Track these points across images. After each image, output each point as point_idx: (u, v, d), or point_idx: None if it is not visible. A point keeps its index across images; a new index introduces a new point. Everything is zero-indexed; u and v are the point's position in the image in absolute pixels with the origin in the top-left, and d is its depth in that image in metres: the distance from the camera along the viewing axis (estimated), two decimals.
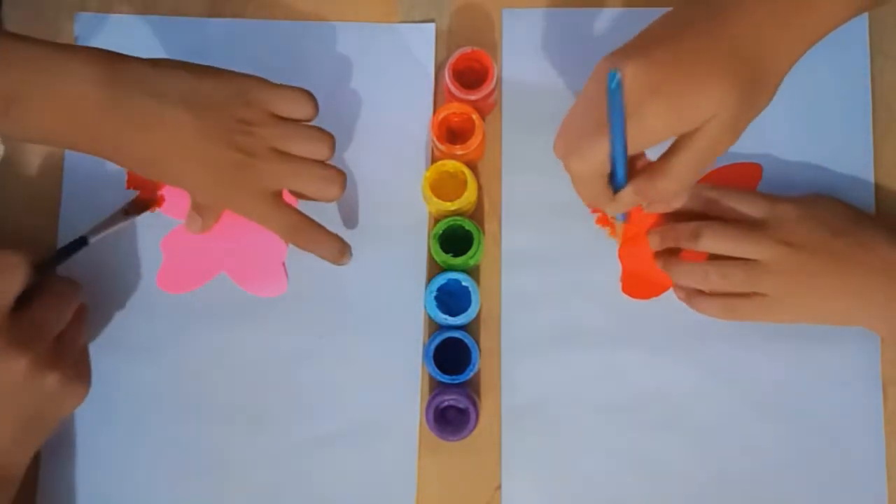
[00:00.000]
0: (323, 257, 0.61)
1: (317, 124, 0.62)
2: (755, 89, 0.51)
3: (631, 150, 0.52)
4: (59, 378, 0.56)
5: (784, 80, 0.65)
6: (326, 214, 0.64)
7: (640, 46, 0.51)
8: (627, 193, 0.54)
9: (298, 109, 0.58)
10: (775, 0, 0.51)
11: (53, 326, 0.57)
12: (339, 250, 0.60)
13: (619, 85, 0.49)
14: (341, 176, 0.59)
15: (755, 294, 0.60)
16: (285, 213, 0.59)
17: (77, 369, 0.59)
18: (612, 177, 0.54)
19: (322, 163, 0.59)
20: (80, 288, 0.60)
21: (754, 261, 0.59)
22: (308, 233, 0.60)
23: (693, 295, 0.63)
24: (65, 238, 0.65)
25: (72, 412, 0.60)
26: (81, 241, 0.62)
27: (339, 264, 0.61)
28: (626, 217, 0.62)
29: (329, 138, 0.59)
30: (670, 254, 0.63)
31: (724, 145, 0.52)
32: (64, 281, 0.60)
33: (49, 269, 0.61)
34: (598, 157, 0.52)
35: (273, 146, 0.57)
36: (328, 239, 0.60)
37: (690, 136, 0.51)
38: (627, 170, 0.53)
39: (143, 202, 0.65)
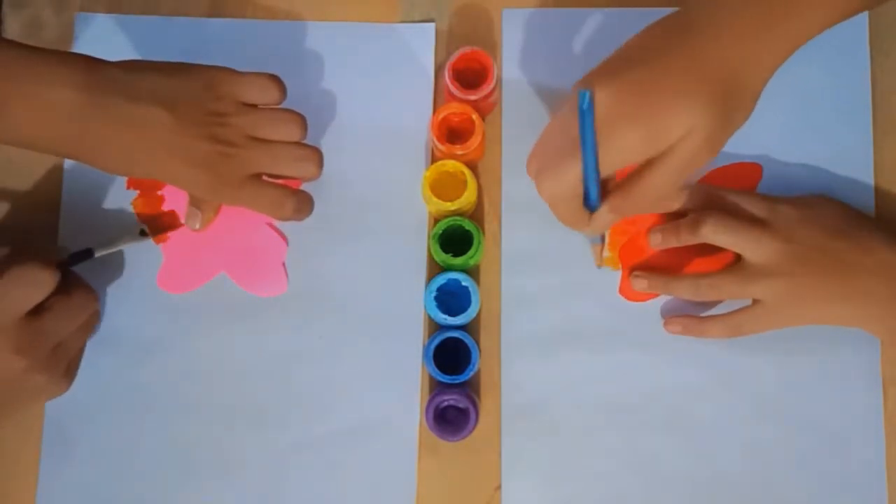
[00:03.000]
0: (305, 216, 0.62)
1: (317, 124, 0.62)
2: (730, 105, 0.51)
3: (603, 173, 0.52)
4: (45, 380, 0.57)
5: (784, 81, 0.65)
6: (328, 219, 0.64)
7: (609, 70, 0.52)
8: (603, 213, 0.54)
9: (266, 95, 0.59)
10: (747, 16, 0.51)
11: (58, 335, 0.58)
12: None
13: (591, 105, 0.49)
14: (317, 154, 0.60)
15: (753, 303, 0.60)
16: (268, 190, 0.60)
17: (67, 370, 0.59)
18: (585, 198, 0.54)
19: (297, 143, 0.60)
20: (96, 298, 0.61)
21: (744, 266, 0.60)
22: (295, 201, 0.60)
23: (691, 326, 0.63)
24: (65, 238, 0.65)
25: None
26: (87, 253, 0.62)
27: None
28: (602, 239, 0.62)
29: (300, 119, 0.59)
30: (663, 275, 0.63)
31: (701, 161, 0.52)
32: (82, 290, 0.60)
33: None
34: (570, 177, 0.52)
35: (248, 134, 0.58)
36: (311, 199, 0.61)
37: (665, 154, 0.51)
38: (601, 190, 0.53)
39: (162, 225, 0.65)
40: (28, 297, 0.56)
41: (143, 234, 0.64)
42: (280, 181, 0.60)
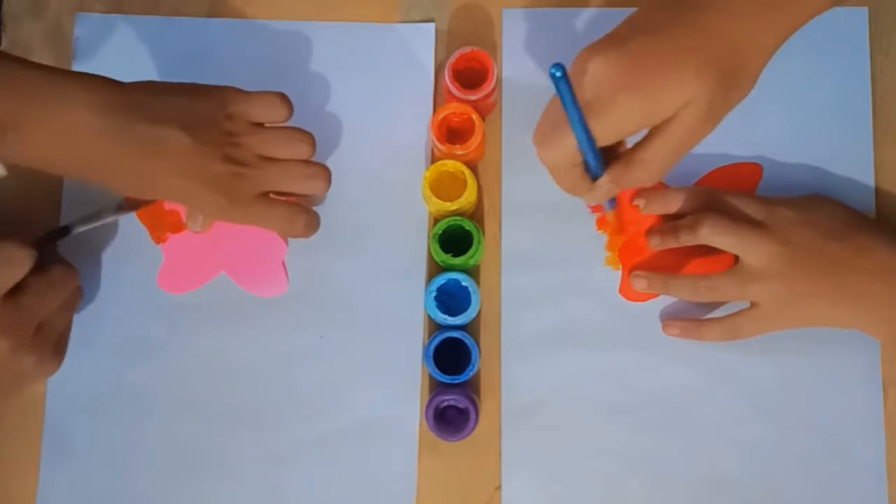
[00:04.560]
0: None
1: (317, 124, 0.62)
2: (730, 79, 0.51)
3: (604, 142, 0.53)
4: (34, 360, 0.57)
5: (784, 81, 0.65)
6: (328, 219, 0.64)
7: (613, 39, 0.52)
8: (604, 183, 0.56)
9: (274, 113, 0.59)
10: None
11: (40, 313, 0.57)
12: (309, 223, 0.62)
13: (564, 77, 0.50)
14: (326, 171, 0.60)
15: (751, 305, 0.61)
16: (280, 208, 0.60)
17: (54, 349, 0.59)
18: (587, 167, 0.55)
19: (306, 161, 0.60)
20: (76, 274, 0.60)
21: (742, 268, 0.60)
22: (306, 217, 0.60)
23: (689, 329, 0.63)
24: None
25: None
26: (63, 230, 0.62)
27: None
28: (614, 204, 0.63)
29: (309, 137, 0.60)
30: (662, 275, 0.64)
31: (700, 134, 0.53)
32: (60, 267, 0.59)
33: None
34: (565, 146, 0.53)
35: (258, 153, 0.58)
36: (318, 216, 0.62)
37: (665, 126, 0.52)
38: (606, 157, 0.55)
39: (135, 200, 0.64)
40: (6, 275, 0.55)
41: (120, 208, 0.63)
42: (282, 198, 0.60)
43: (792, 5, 0.52)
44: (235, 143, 0.57)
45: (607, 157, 0.55)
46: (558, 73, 0.49)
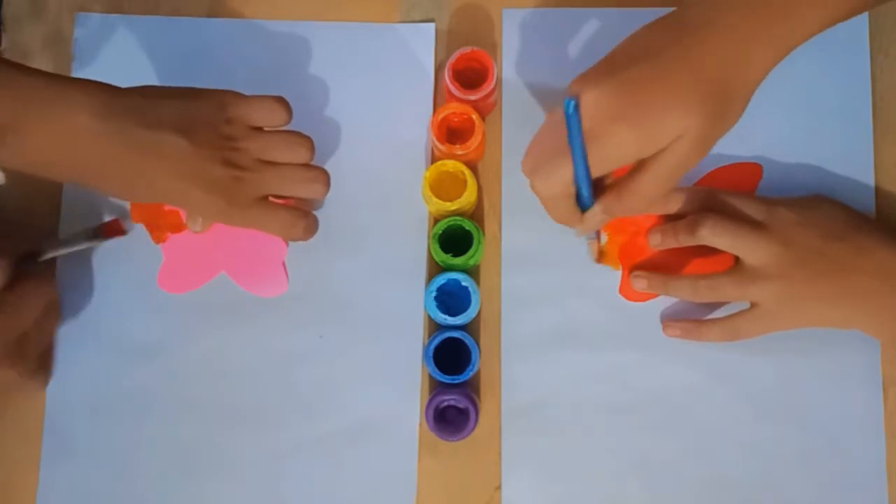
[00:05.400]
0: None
1: (317, 124, 0.62)
2: (723, 106, 0.51)
3: (597, 173, 0.53)
4: (17, 375, 0.57)
5: (784, 81, 0.65)
6: (328, 219, 0.64)
7: (605, 69, 0.52)
8: (595, 213, 0.56)
9: (273, 118, 0.59)
10: (744, 16, 0.51)
11: (18, 326, 0.57)
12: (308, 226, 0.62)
13: (576, 111, 0.50)
14: (325, 175, 0.60)
15: (751, 306, 0.61)
16: (280, 212, 0.60)
17: (39, 365, 0.59)
18: (578, 198, 0.55)
19: (305, 165, 0.60)
20: (54, 286, 0.60)
21: (742, 268, 0.60)
22: (304, 222, 0.61)
23: (690, 330, 0.63)
24: (65, 237, 0.65)
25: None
26: (32, 255, 0.61)
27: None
28: (597, 235, 0.63)
29: (308, 141, 0.60)
30: (662, 276, 0.64)
31: (692, 162, 0.52)
32: (31, 281, 0.59)
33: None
34: (560, 177, 0.53)
35: (258, 157, 0.58)
36: (317, 219, 0.62)
37: (657, 156, 0.52)
38: (594, 189, 0.54)
39: (112, 228, 0.64)
40: None
41: (95, 236, 0.63)
42: (280, 201, 0.61)
43: (785, 28, 0.51)
44: (234, 147, 0.57)
45: (595, 187, 0.55)
46: (570, 110, 0.49)
